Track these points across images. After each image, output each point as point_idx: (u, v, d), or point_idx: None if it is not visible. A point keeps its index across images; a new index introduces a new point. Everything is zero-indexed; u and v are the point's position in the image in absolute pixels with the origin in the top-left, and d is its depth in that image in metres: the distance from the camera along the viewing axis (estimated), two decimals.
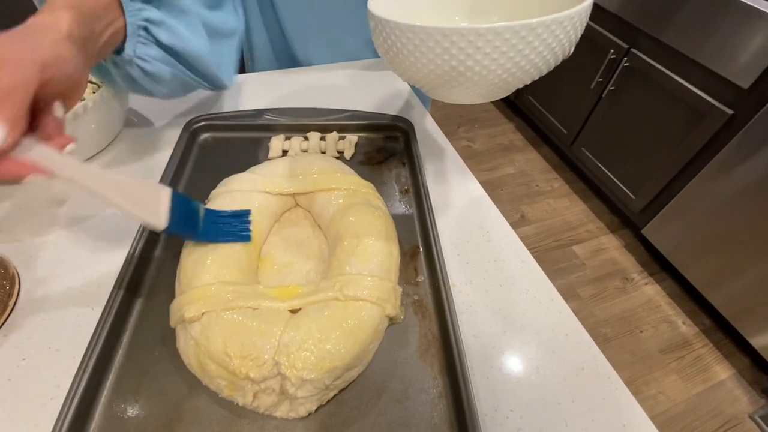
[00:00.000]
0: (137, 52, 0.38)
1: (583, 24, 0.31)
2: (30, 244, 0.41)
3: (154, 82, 0.41)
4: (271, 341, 0.30)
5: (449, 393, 0.32)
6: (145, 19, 0.37)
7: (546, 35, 0.28)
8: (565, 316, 0.38)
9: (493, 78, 0.29)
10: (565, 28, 0.29)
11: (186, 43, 0.40)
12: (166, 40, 0.39)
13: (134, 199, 0.30)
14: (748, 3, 0.99)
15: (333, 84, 0.64)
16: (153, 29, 0.38)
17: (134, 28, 0.36)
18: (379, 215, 0.40)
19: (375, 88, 0.63)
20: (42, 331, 0.35)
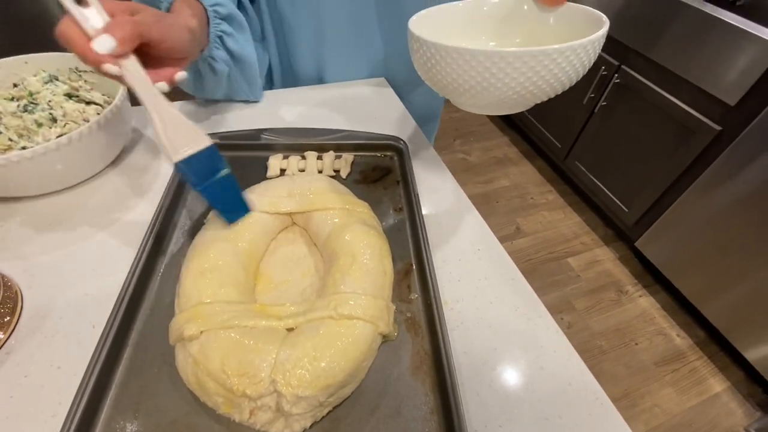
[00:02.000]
0: (211, 54, 0.51)
1: (597, 51, 0.34)
2: (33, 262, 0.42)
3: (214, 77, 0.54)
4: (268, 359, 0.31)
5: (440, 409, 0.33)
6: (221, 31, 0.51)
7: (561, 60, 0.31)
8: (553, 333, 0.39)
9: (512, 93, 0.33)
10: (579, 55, 0.31)
11: (244, 50, 0.55)
12: (232, 46, 0.53)
13: (171, 129, 0.34)
14: (734, 24, 1.02)
15: (330, 104, 0.66)
16: (225, 38, 0.52)
17: (214, 36, 0.50)
18: (374, 234, 0.41)
19: (371, 108, 0.65)
20: (44, 348, 0.36)
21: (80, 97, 0.52)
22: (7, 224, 0.45)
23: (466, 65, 0.32)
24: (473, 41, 0.45)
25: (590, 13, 0.38)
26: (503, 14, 0.45)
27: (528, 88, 0.32)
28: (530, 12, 0.43)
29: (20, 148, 0.45)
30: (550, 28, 0.42)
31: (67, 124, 0.48)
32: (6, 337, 0.36)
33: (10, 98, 0.49)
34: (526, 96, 0.34)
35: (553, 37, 0.42)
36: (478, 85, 0.33)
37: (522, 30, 0.44)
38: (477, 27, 0.45)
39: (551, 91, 0.34)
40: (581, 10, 0.39)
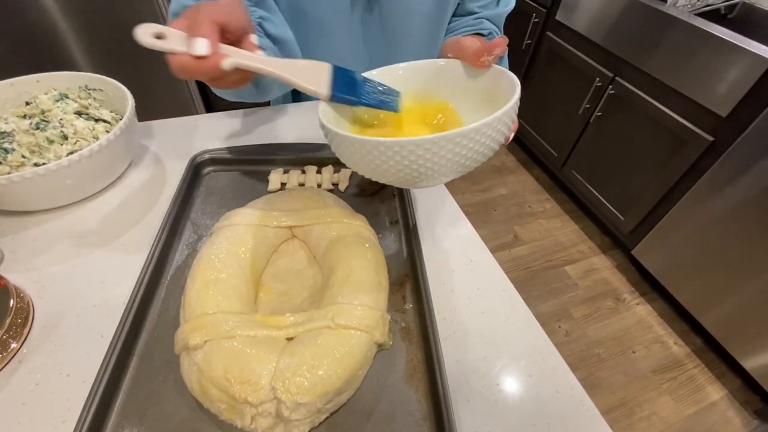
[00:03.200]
0: (260, 43, 0.47)
1: (513, 120, 0.34)
2: (44, 274, 0.44)
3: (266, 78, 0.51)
4: (268, 367, 0.32)
5: (433, 415, 0.35)
6: (259, 17, 0.50)
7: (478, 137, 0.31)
8: (542, 342, 0.41)
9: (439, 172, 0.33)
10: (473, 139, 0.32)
11: (283, 32, 0.53)
12: (272, 30, 0.51)
13: (302, 76, 0.36)
14: (724, 37, 1.05)
15: None
16: (264, 24, 0.50)
17: (255, 24, 0.48)
18: (370, 247, 0.43)
19: None
20: (54, 357, 0.37)
21: (90, 115, 0.54)
22: (19, 237, 0.47)
23: (370, 155, 0.32)
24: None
25: (509, 78, 0.38)
26: (429, 74, 0.44)
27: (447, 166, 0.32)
28: (457, 72, 0.43)
29: (32, 165, 0.48)
30: (474, 89, 0.42)
31: (77, 141, 0.50)
32: (18, 346, 0.38)
33: (22, 116, 0.52)
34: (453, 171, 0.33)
35: (476, 98, 0.42)
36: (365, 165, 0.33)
37: (447, 90, 0.44)
38: (403, 88, 0.44)
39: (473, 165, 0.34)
40: (504, 75, 0.39)
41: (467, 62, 0.42)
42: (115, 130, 0.47)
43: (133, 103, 0.52)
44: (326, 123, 0.35)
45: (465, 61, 0.42)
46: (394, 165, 0.32)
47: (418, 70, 0.44)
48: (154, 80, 1.45)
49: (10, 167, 0.46)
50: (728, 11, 1.32)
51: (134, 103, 0.52)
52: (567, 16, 1.48)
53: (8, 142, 0.48)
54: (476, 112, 0.42)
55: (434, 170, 0.33)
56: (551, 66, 1.62)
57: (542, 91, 1.70)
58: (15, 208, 0.48)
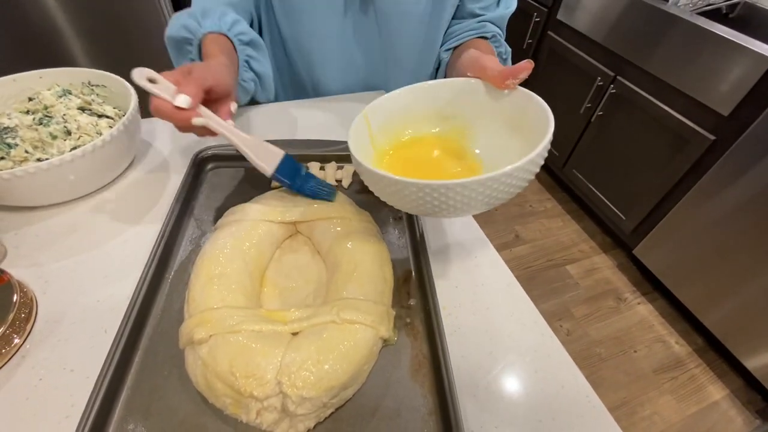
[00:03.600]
0: (242, 77, 0.56)
1: (544, 157, 0.33)
2: (47, 269, 0.43)
3: (243, 94, 0.59)
4: (274, 362, 0.32)
5: (438, 411, 0.34)
6: (247, 56, 0.56)
7: (509, 180, 0.31)
8: (548, 338, 0.40)
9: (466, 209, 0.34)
10: (527, 169, 0.32)
11: (265, 68, 0.61)
12: (256, 67, 0.59)
13: (256, 152, 0.44)
14: (726, 36, 1.05)
15: (332, 116, 0.68)
16: (251, 62, 0.57)
17: (242, 61, 0.55)
18: (375, 242, 0.43)
19: None
20: (58, 352, 0.37)
21: (93, 111, 0.54)
22: (22, 232, 0.47)
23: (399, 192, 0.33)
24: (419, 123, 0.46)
25: (541, 107, 0.37)
26: (452, 94, 0.44)
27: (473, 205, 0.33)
28: (479, 93, 0.43)
29: (35, 160, 0.47)
30: (498, 111, 0.42)
31: (81, 137, 0.50)
32: (22, 342, 0.38)
33: (25, 111, 0.51)
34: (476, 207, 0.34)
35: (499, 120, 0.42)
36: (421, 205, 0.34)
37: (470, 111, 0.44)
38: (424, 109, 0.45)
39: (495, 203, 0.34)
40: (531, 99, 0.38)
41: (490, 83, 0.42)
42: (119, 125, 0.47)
43: (136, 99, 0.52)
44: (358, 157, 0.36)
45: (487, 81, 0.42)
46: (421, 202, 0.33)
47: (442, 88, 0.45)
48: None
49: (14, 162, 0.46)
50: (730, 10, 1.32)
51: (137, 99, 0.52)
52: (568, 16, 1.49)
53: (11, 137, 0.47)
54: (501, 136, 0.42)
55: (459, 208, 0.33)
56: (552, 65, 1.62)
57: (543, 91, 1.66)
58: (18, 204, 0.48)
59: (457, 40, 0.65)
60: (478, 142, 0.44)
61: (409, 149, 0.45)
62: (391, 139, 0.45)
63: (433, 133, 0.46)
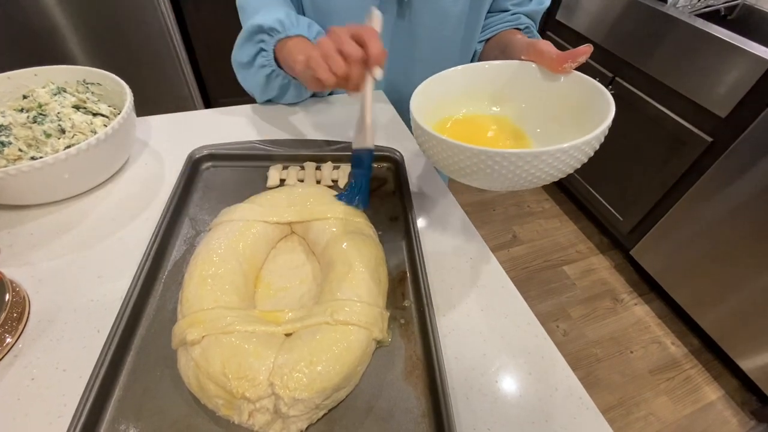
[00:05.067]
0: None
1: (594, 147, 0.33)
2: (40, 268, 0.43)
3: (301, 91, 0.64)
4: (266, 363, 0.32)
5: (432, 412, 0.34)
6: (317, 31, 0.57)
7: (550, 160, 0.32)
8: (541, 340, 0.40)
9: (504, 181, 0.34)
10: (573, 153, 0.32)
11: None
12: None
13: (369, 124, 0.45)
14: (724, 38, 1.05)
15: (329, 116, 0.68)
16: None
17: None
18: (370, 243, 0.43)
19: None
20: (50, 352, 0.37)
21: (87, 109, 0.53)
22: (15, 231, 0.46)
23: (457, 156, 0.34)
24: (474, 103, 0.46)
25: (598, 90, 0.37)
26: (507, 76, 0.45)
27: (517, 179, 0.33)
28: (534, 76, 0.43)
29: (29, 158, 0.47)
30: (554, 94, 0.42)
31: (75, 135, 0.50)
32: (14, 341, 0.37)
33: (19, 109, 0.51)
34: (521, 183, 0.34)
35: (555, 103, 0.42)
36: (474, 171, 0.34)
37: (525, 93, 0.44)
38: (479, 89, 0.45)
39: (549, 179, 0.34)
40: (589, 84, 0.39)
41: (545, 66, 0.42)
42: (113, 124, 0.47)
43: (131, 98, 0.51)
44: (421, 122, 0.37)
45: (543, 65, 0.42)
46: (477, 169, 0.33)
47: (499, 70, 0.45)
48: (152, 77, 1.44)
49: (7, 160, 0.46)
50: (728, 12, 1.32)
51: (132, 98, 0.51)
52: (567, 16, 1.48)
53: (5, 135, 0.47)
54: (556, 119, 0.42)
55: (510, 179, 0.33)
56: None
57: None
58: (11, 202, 0.48)
59: (491, 32, 0.66)
60: (534, 125, 0.44)
61: (466, 125, 0.46)
62: (447, 114, 0.45)
63: (490, 114, 0.46)
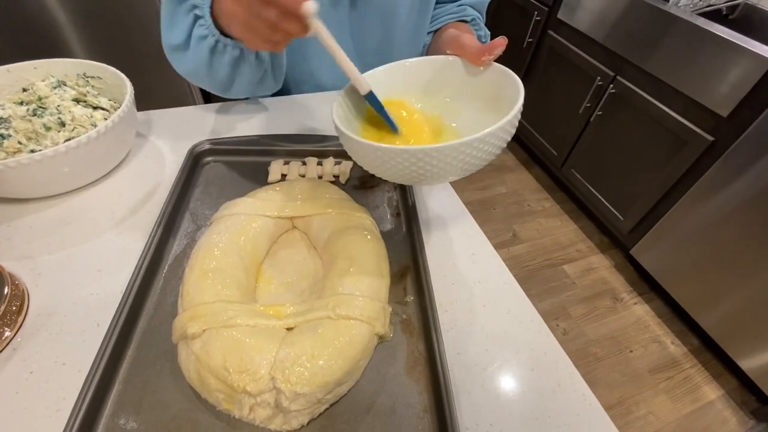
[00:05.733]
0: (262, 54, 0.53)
1: (515, 126, 0.36)
2: (39, 261, 0.43)
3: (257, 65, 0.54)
4: (268, 357, 0.32)
5: (434, 408, 0.34)
6: None
7: (482, 145, 0.33)
8: (544, 336, 0.40)
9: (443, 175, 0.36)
10: (498, 136, 0.34)
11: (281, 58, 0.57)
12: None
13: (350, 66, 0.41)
14: (726, 37, 1.05)
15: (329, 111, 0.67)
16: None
17: None
18: (372, 238, 0.43)
19: None
20: (49, 345, 0.37)
21: (88, 102, 0.53)
22: (14, 224, 0.46)
23: (379, 159, 0.35)
24: (401, 95, 0.46)
25: (512, 80, 0.39)
26: (431, 71, 0.46)
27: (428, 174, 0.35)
28: (457, 70, 0.45)
29: (29, 151, 0.47)
30: (476, 87, 0.44)
31: (75, 129, 0.49)
32: (13, 335, 0.37)
33: (19, 102, 0.51)
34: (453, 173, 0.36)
35: (477, 95, 0.44)
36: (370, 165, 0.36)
37: (449, 87, 0.46)
38: (407, 86, 0.46)
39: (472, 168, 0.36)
40: (504, 73, 0.41)
41: (467, 60, 0.43)
42: (114, 117, 0.47)
43: (132, 91, 0.51)
44: (341, 125, 0.38)
45: (465, 58, 0.44)
46: (402, 168, 0.34)
47: (423, 66, 0.46)
48: (151, 73, 1.43)
49: (6, 153, 0.46)
50: (730, 11, 1.32)
51: (133, 91, 0.51)
52: (569, 15, 1.48)
53: (5, 128, 0.47)
54: (478, 110, 0.44)
55: (437, 174, 0.35)
56: (552, 65, 1.62)
57: (543, 90, 1.69)
58: (11, 195, 0.47)
59: (437, 24, 0.66)
60: (458, 118, 0.46)
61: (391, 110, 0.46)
62: (373, 113, 0.45)
63: (415, 110, 0.47)
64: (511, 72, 0.40)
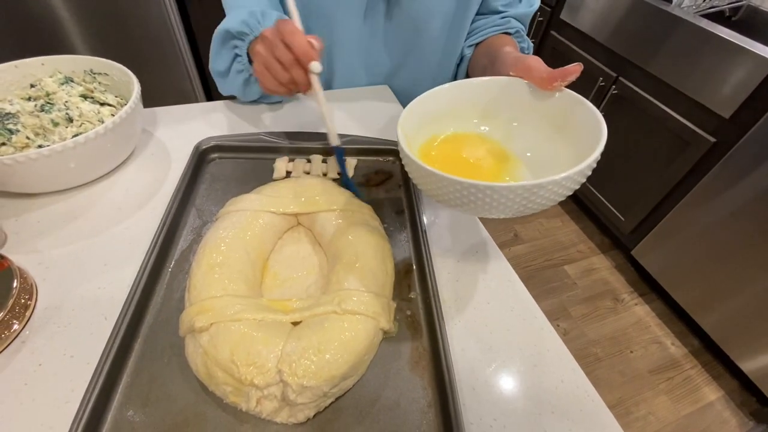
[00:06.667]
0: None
1: (580, 181, 0.32)
2: (47, 256, 0.43)
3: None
4: (275, 351, 0.32)
5: (438, 403, 0.35)
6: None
7: (556, 188, 0.30)
8: (547, 333, 0.41)
9: (504, 210, 0.33)
10: (574, 179, 0.31)
11: None
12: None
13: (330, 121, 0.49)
14: (728, 39, 1.05)
15: (338, 110, 0.68)
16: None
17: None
18: (376, 235, 0.43)
19: (374, 115, 0.67)
20: (57, 338, 0.37)
21: (95, 99, 0.53)
22: (22, 219, 0.46)
23: (446, 188, 0.32)
24: (462, 121, 0.45)
25: (590, 111, 0.36)
26: (495, 92, 0.44)
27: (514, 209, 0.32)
28: (524, 93, 0.42)
29: (37, 146, 0.47)
30: (544, 113, 0.41)
31: (83, 124, 0.50)
32: (21, 327, 0.37)
33: (27, 98, 0.51)
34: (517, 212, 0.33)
35: (546, 122, 0.41)
36: (466, 203, 0.33)
37: (515, 111, 0.43)
38: (467, 106, 0.45)
39: (540, 208, 0.33)
40: (580, 103, 0.37)
41: (535, 83, 0.41)
42: (121, 113, 0.47)
43: (138, 87, 0.51)
44: (407, 150, 0.35)
45: (533, 82, 0.41)
46: (466, 201, 0.32)
47: (488, 86, 0.44)
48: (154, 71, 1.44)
49: (15, 148, 0.46)
50: (733, 13, 1.32)
51: (140, 87, 0.51)
52: (571, 16, 1.48)
53: (13, 123, 0.47)
54: (543, 137, 0.42)
55: (498, 208, 0.32)
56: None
57: None
58: (19, 190, 0.48)
59: (480, 36, 0.65)
60: (524, 145, 0.43)
61: (453, 145, 0.45)
62: (435, 132, 0.45)
63: (478, 132, 0.46)
64: (588, 102, 0.37)
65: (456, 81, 0.44)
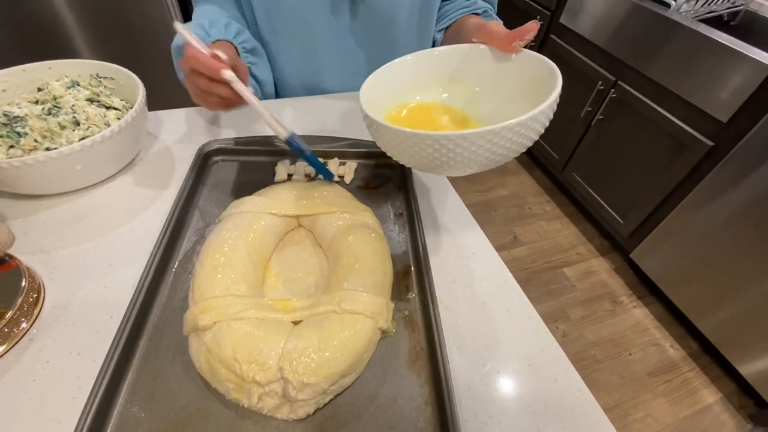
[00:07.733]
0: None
1: (549, 117, 0.34)
2: (54, 255, 0.44)
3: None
4: (276, 349, 0.33)
5: (434, 400, 0.35)
6: (250, 63, 0.63)
7: (510, 135, 0.31)
8: (542, 333, 0.42)
9: (468, 164, 0.34)
10: (529, 126, 0.32)
11: (266, 75, 0.69)
12: (257, 73, 0.66)
13: (269, 118, 0.45)
14: (726, 44, 1.06)
15: (334, 113, 0.69)
16: (252, 68, 0.64)
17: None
18: (375, 237, 0.44)
19: None
20: (65, 336, 0.38)
21: (101, 102, 0.55)
22: (30, 220, 0.48)
23: (416, 146, 0.33)
24: (427, 89, 0.46)
25: (546, 64, 0.37)
26: (458, 60, 0.45)
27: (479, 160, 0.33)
28: (485, 57, 0.43)
29: (44, 149, 0.48)
30: (506, 74, 0.42)
31: (89, 128, 0.51)
32: (29, 326, 0.39)
33: (35, 101, 0.52)
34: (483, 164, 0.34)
35: (508, 83, 0.42)
36: (434, 160, 0.34)
37: (478, 76, 0.45)
38: (432, 75, 0.46)
39: (510, 156, 0.34)
40: (537, 59, 0.39)
41: (496, 47, 0.42)
42: (127, 117, 0.48)
43: (144, 91, 0.53)
44: (369, 112, 0.37)
45: (493, 45, 0.42)
46: (425, 155, 0.33)
47: (450, 54, 0.45)
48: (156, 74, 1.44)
49: (23, 150, 0.47)
50: (731, 18, 1.33)
51: (145, 91, 0.53)
52: (571, 20, 1.50)
53: (21, 126, 0.48)
54: (507, 99, 0.42)
55: (460, 161, 0.33)
56: None
57: None
58: (27, 192, 0.49)
59: (449, 20, 0.66)
60: (486, 108, 0.44)
61: (420, 113, 0.46)
62: (399, 103, 0.45)
63: (442, 99, 0.46)
64: (545, 58, 0.38)
65: (419, 51, 0.45)
